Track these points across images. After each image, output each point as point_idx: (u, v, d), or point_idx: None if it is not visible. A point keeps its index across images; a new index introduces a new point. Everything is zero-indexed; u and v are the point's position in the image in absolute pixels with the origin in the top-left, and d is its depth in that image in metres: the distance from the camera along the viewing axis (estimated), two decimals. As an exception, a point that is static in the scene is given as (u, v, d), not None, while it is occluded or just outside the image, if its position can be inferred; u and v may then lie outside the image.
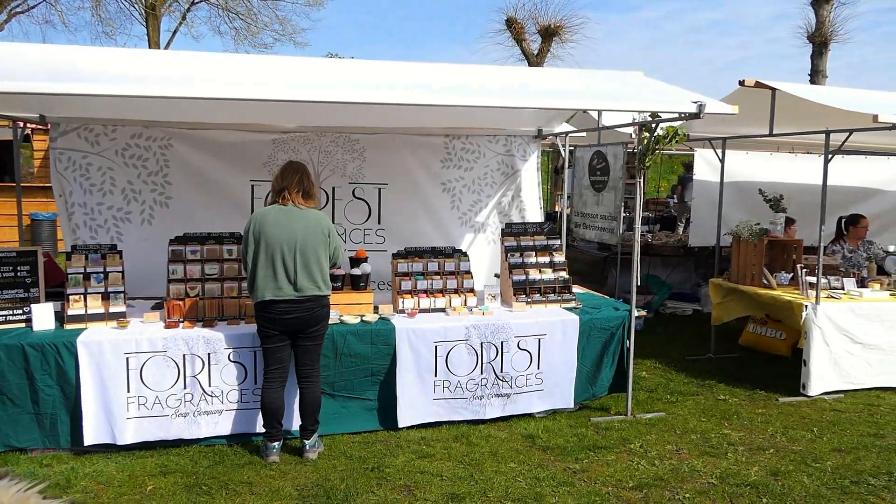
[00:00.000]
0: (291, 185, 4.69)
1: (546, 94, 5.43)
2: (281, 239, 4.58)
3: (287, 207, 4.67)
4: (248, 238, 4.65)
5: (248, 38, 25.75)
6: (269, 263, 4.57)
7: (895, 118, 5.39)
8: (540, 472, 4.57)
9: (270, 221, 4.61)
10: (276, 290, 4.58)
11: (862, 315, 6.35)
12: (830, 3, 20.96)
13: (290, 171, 4.73)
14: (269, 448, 4.71)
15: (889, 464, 4.83)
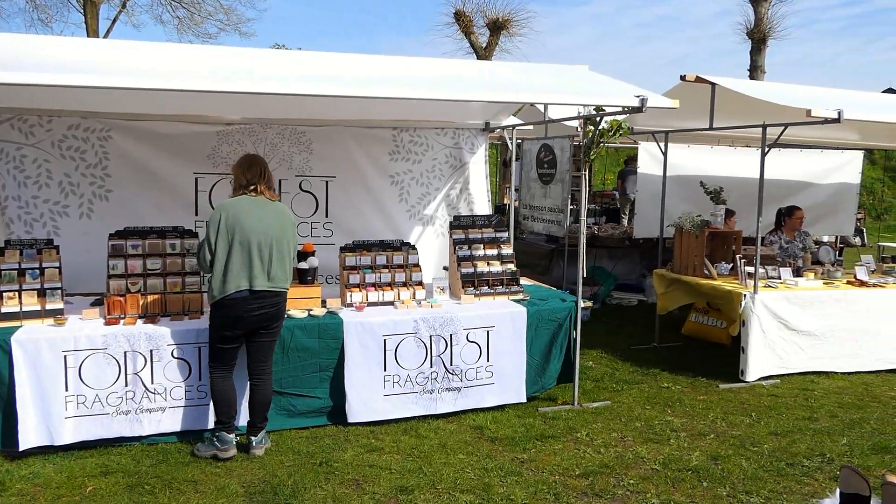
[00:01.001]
0: (260, 177, 4.62)
1: (492, 87, 5.47)
2: (258, 230, 4.52)
3: (259, 199, 4.60)
4: (220, 229, 4.47)
5: (191, 27, 25.20)
6: (246, 255, 4.48)
7: (827, 113, 5.59)
8: (488, 463, 4.62)
9: (245, 212, 4.51)
10: (251, 281, 4.50)
11: (797, 303, 6.58)
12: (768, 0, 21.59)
13: (256, 164, 4.67)
14: (227, 441, 4.59)
15: (822, 446, 5.03)
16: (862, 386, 6.47)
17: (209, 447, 4.64)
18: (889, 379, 6.70)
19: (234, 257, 4.47)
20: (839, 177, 10.08)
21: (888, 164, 21.83)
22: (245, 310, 4.50)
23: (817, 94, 7.17)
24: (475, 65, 8.35)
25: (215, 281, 4.51)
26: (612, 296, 10.01)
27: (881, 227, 18.85)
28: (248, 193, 4.60)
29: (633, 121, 7.83)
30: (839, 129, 8.33)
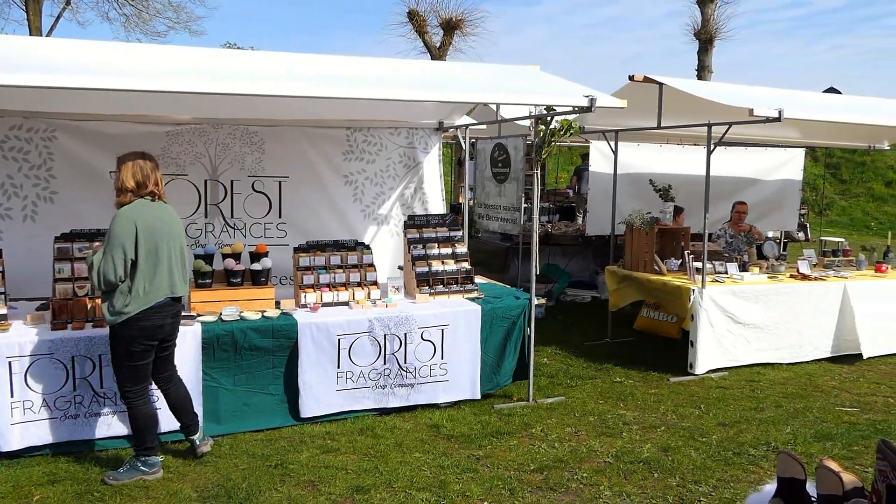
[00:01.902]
0: (156, 179, 4.31)
1: (445, 87, 5.51)
2: (171, 235, 4.32)
3: (157, 203, 4.31)
4: (138, 239, 4.12)
5: (139, 25, 24.65)
6: (166, 262, 4.27)
7: (768, 112, 5.76)
8: (444, 461, 4.65)
9: (154, 217, 4.24)
10: (172, 288, 4.33)
11: (743, 297, 6.77)
12: (714, 2, 22.08)
13: (150, 164, 4.31)
14: (156, 463, 4.39)
15: (767, 435, 5.19)
16: (805, 376, 6.69)
17: (133, 473, 4.32)
18: (830, 369, 6.95)
19: (157, 266, 4.21)
20: (782, 174, 10.40)
21: (829, 161, 22.57)
22: (166, 318, 4.32)
23: (760, 94, 7.39)
24: (428, 65, 8.38)
25: (135, 294, 4.14)
26: (566, 293, 10.15)
27: (823, 222, 19.48)
28: (145, 197, 4.26)
29: (584, 120, 7.96)
30: (781, 127, 8.58)
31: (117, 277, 4.10)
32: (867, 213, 21.48)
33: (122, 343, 4.22)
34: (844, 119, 7.11)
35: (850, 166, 22.89)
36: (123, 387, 4.33)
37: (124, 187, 4.23)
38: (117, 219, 4.15)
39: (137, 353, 4.26)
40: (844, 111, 7.52)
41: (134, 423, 4.38)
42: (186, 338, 4.85)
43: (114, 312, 4.14)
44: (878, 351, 7.25)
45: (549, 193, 13.68)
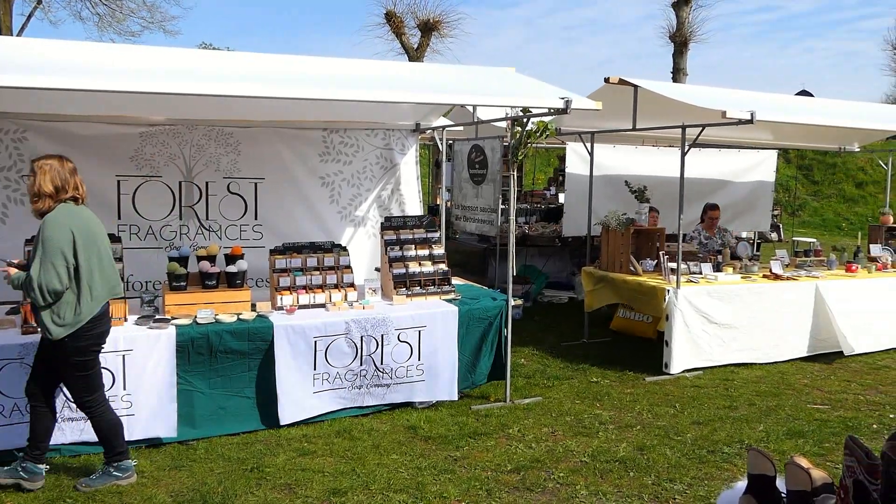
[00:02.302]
0: (76, 183, 4.13)
1: (420, 88, 5.51)
2: (103, 239, 4.21)
3: (81, 207, 4.15)
4: (74, 243, 3.96)
5: (112, 24, 24.35)
6: (108, 266, 4.19)
7: (741, 114, 5.84)
8: (422, 462, 4.65)
9: (87, 220, 4.12)
10: (113, 290, 4.23)
11: (717, 297, 6.85)
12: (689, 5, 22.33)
13: (69, 167, 4.13)
14: (130, 468, 4.33)
15: (741, 433, 5.26)
16: (778, 375, 6.78)
17: (106, 479, 4.24)
18: (803, 367, 7.05)
19: (100, 269, 4.12)
20: (755, 175, 10.54)
21: (801, 162, 22.90)
22: (108, 321, 4.25)
23: (733, 97, 7.48)
24: (404, 66, 8.37)
25: (84, 300, 4.03)
26: (543, 294, 10.19)
27: (796, 223, 19.77)
28: (66, 201, 4.07)
29: (561, 122, 8.01)
30: (754, 129, 8.71)
31: (63, 285, 3.94)
32: (838, 214, 21.83)
33: (73, 355, 4.08)
34: (815, 121, 7.23)
35: (822, 168, 23.25)
36: (81, 398, 4.23)
37: (42, 192, 4.02)
38: (49, 225, 3.96)
39: (90, 362, 4.19)
40: (815, 113, 7.65)
41: (99, 431, 4.30)
42: (160, 341, 4.81)
43: (62, 324, 3.98)
44: (845, 350, 7.36)
45: (526, 195, 13.74)
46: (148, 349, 4.79)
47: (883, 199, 10.57)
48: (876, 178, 21.56)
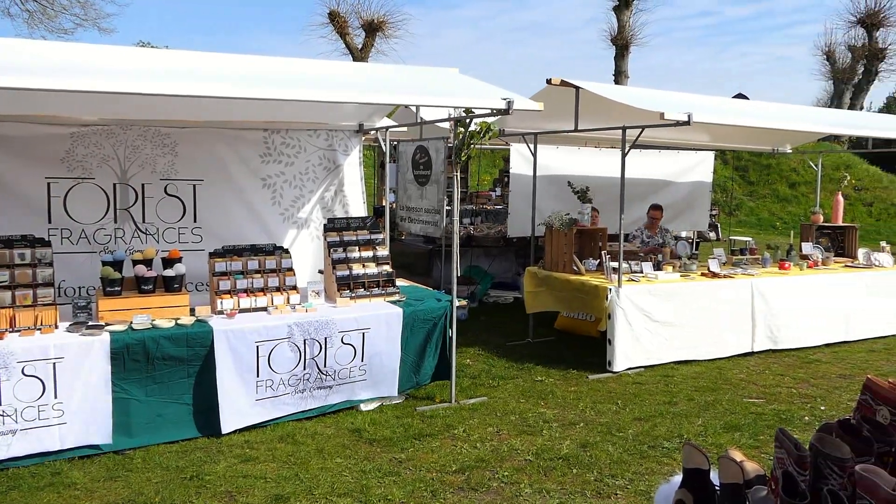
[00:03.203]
0: None
1: (363, 89, 5.47)
2: None
3: None
4: None
5: (44, 22, 23.49)
6: None
7: (678, 116, 5.97)
8: (366, 465, 4.61)
9: None
10: None
11: (658, 295, 6.99)
12: (630, 9, 22.79)
13: None
14: None
15: (680, 427, 5.37)
16: (716, 370, 6.96)
17: None
18: (739, 362, 7.25)
19: None
20: (694, 176, 10.79)
21: (738, 163, 23.61)
22: None
23: (672, 99, 7.65)
24: (347, 66, 8.31)
25: None
26: (489, 294, 10.24)
27: (733, 222, 20.35)
28: None
29: (505, 123, 8.06)
30: (692, 131, 8.92)
31: None
32: (773, 214, 22.56)
33: None
34: (749, 123, 7.45)
35: (758, 169, 23.99)
36: None
37: None
38: None
39: None
40: (749, 116, 7.88)
41: None
42: (94, 348, 4.65)
43: None
44: (778, 345, 7.60)
45: (472, 196, 13.79)
46: (80, 357, 4.62)
47: (814, 198, 10.96)
48: (807, 179, 22.36)
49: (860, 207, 22.05)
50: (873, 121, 11.14)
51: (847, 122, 9.86)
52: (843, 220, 9.78)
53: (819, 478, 1.87)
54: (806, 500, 1.74)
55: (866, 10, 25.79)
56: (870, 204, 22.36)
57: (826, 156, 20.83)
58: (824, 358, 7.49)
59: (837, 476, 1.84)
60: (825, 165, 20.99)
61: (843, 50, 27.22)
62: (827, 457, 1.85)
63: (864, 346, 8.02)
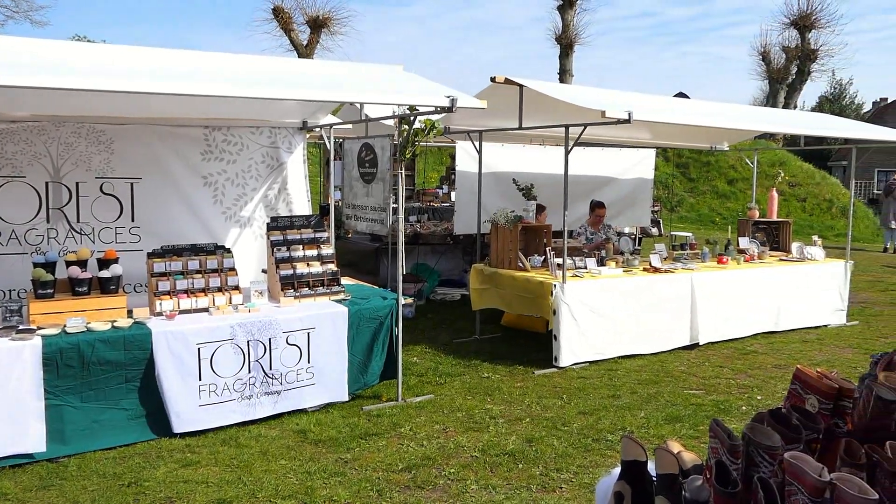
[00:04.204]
0: None
1: (305, 86, 5.39)
2: None
3: None
4: None
5: (-28, 13, 22.52)
6: None
7: (619, 114, 6.07)
8: (311, 466, 4.56)
9: None
10: None
11: (601, 291, 7.10)
12: (573, 9, 23.09)
13: None
14: None
15: (623, 420, 5.47)
16: (658, 363, 7.11)
17: None
18: (681, 355, 7.42)
19: None
20: (636, 173, 10.99)
21: (679, 160, 24.18)
22: None
23: (614, 97, 7.77)
24: (290, 62, 8.19)
25: None
26: (436, 291, 10.25)
27: (674, 218, 20.84)
28: None
29: (450, 120, 8.07)
30: (634, 129, 9.10)
31: None
32: (713, 209, 23.18)
33: None
34: (686, 121, 7.62)
35: (698, 166, 24.61)
36: None
37: None
38: None
39: None
40: (688, 114, 8.06)
41: None
42: (24, 354, 4.48)
43: None
44: (717, 337, 7.81)
45: (418, 193, 13.78)
46: (10, 362, 4.45)
47: (751, 194, 11.29)
48: (745, 175, 23.03)
49: (795, 203, 22.83)
50: (805, 119, 11.53)
51: (781, 121, 10.19)
52: (778, 216, 10.11)
53: (751, 466, 1.92)
54: (737, 488, 1.79)
55: (799, 13, 26.71)
56: (803, 199, 23.17)
57: (762, 153, 21.49)
58: (761, 349, 7.73)
59: (768, 464, 1.89)
60: (761, 162, 21.66)
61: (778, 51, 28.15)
62: (758, 445, 1.91)
63: (798, 336, 8.31)
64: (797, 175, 23.71)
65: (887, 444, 1.87)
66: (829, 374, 2.30)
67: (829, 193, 23.42)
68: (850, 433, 2.14)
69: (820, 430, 2.12)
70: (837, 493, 1.63)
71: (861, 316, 9.51)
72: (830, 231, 20.72)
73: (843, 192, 23.35)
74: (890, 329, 8.71)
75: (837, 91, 57.30)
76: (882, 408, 2.09)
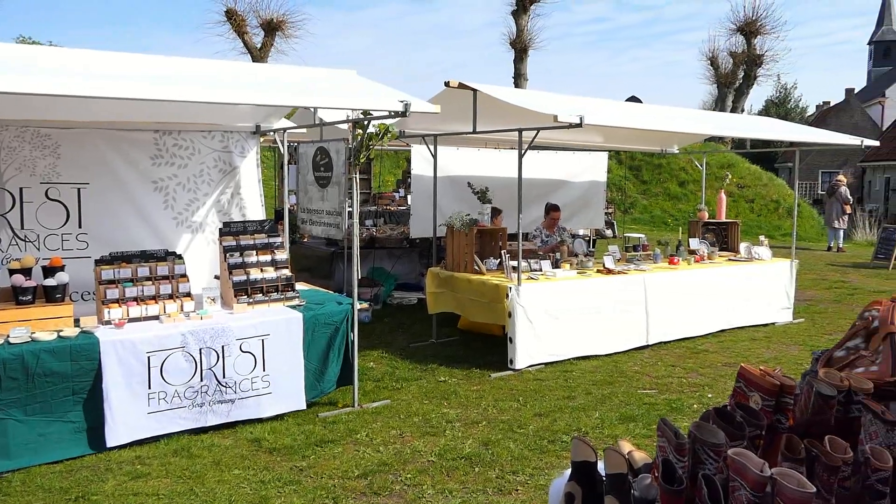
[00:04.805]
0: None
1: (257, 90, 5.35)
2: None
3: None
4: None
5: None
6: None
7: (571, 118, 6.14)
8: (265, 475, 4.50)
9: None
10: None
11: (557, 292, 7.17)
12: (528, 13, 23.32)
13: None
14: None
15: (578, 421, 5.53)
16: (612, 363, 7.21)
17: None
18: (634, 355, 7.54)
19: None
20: (589, 176, 11.14)
21: (632, 163, 24.60)
22: None
23: (566, 102, 7.87)
24: (242, 66, 8.10)
25: None
26: (393, 296, 10.22)
27: (628, 220, 21.19)
28: None
29: (405, 124, 8.06)
30: (587, 132, 9.22)
31: None
32: (665, 211, 23.63)
33: None
34: (636, 125, 7.77)
35: (650, 168, 25.06)
36: None
37: None
38: None
39: None
40: (637, 118, 8.21)
41: None
42: (-35, 365, 4.33)
43: None
44: (669, 336, 7.96)
45: (375, 197, 13.73)
46: (-50, 375, 4.30)
47: (701, 196, 11.55)
48: (696, 178, 23.52)
49: (743, 204, 23.41)
50: (751, 123, 11.84)
51: (727, 125, 10.45)
52: (727, 216, 10.36)
53: (697, 463, 1.96)
54: (682, 486, 1.83)
55: (745, 19, 27.39)
56: (752, 200, 23.78)
57: (711, 155, 22.00)
58: (711, 348, 7.90)
59: (713, 461, 1.94)
60: (710, 165, 22.18)
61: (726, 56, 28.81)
62: (704, 443, 1.95)
63: (747, 334, 8.52)
64: (745, 177, 24.32)
65: (826, 438, 1.93)
66: (771, 372, 2.36)
67: (776, 194, 24.08)
68: (792, 429, 2.20)
69: (763, 427, 2.18)
70: (777, 488, 1.67)
71: (807, 313, 9.80)
72: (778, 231, 21.33)
73: (790, 193, 24.03)
74: (834, 326, 8.98)
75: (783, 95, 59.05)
76: (822, 403, 2.16)
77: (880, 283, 12.71)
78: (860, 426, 2.08)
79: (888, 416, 2.01)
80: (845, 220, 17.78)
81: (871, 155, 33.61)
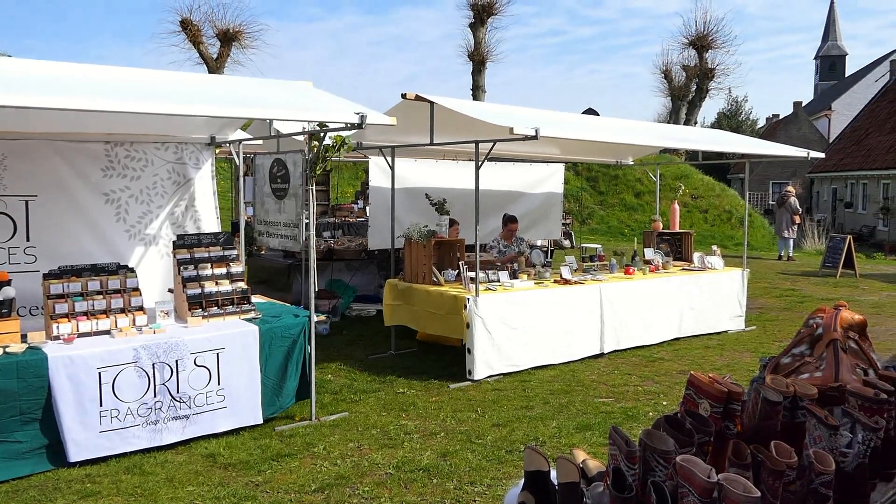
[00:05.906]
0: None
1: (211, 101, 5.28)
2: None
3: None
4: None
5: None
6: None
7: (526, 131, 6.21)
8: (220, 491, 4.43)
9: None
10: None
11: (514, 303, 7.22)
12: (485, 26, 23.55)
13: None
14: None
15: (536, 430, 5.57)
16: (569, 372, 7.28)
17: None
18: (591, 364, 7.62)
19: None
20: (546, 187, 11.26)
21: (589, 174, 24.96)
22: None
23: (522, 114, 7.96)
24: (196, 77, 8.01)
25: None
26: (351, 308, 10.18)
27: (585, 230, 21.45)
28: None
29: (363, 136, 8.06)
30: (543, 144, 9.34)
31: None
32: (621, 221, 23.99)
33: None
34: (590, 137, 7.88)
35: (607, 179, 25.44)
36: None
37: None
38: None
39: None
40: (592, 130, 8.33)
41: None
42: None
43: None
44: (625, 345, 8.08)
45: (333, 209, 13.67)
46: None
47: (656, 206, 11.76)
48: (651, 189, 23.94)
49: (697, 214, 23.91)
50: (703, 135, 12.11)
51: (680, 137, 10.66)
52: (681, 227, 10.58)
53: (648, 470, 1.99)
54: (632, 493, 1.86)
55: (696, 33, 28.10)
56: (705, 211, 24.30)
57: (665, 167, 22.44)
58: (666, 356, 8.04)
59: (663, 468, 1.97)
60: (665, 176, 22.62)
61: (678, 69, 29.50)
62: (653, 450, 1.99)
63: (701, 342, 8.69)
64: (699, 188, 24.85)
65: (772, 443, 1.99)
66: (719, 379, 2.42)
67: (729, 205, 24.66)
68: (740, 434, 2.25)
69: (711, 433, 2.22)
70: (724, 493, 1.71)
71: (758, 321, 10.04)
72: (731, 241, 21.84)
73: (742, 204, 24.62)
74: (784, 333, 9.22)
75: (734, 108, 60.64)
76: (769, 409, 2.22)
77: (829, 290, 13.10)
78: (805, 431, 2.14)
79: (831, 421, 2.07)
80: (795, 229, 18.27)
81: (818, 166, 34.66)
